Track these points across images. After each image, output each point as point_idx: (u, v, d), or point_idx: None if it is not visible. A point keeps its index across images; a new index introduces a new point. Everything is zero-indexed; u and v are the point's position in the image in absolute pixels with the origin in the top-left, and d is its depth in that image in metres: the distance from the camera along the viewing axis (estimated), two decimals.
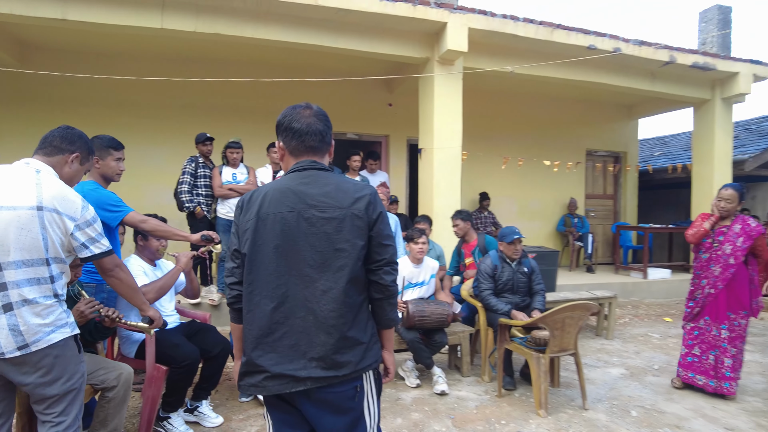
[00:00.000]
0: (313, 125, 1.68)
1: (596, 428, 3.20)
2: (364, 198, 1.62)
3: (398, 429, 3.15)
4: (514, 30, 6.18)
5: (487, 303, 3.97)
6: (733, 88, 7.94)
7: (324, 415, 1.60)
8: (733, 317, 3.79)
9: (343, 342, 1.56)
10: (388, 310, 1.71)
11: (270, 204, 1.61)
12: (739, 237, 3.76)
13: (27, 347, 1.81)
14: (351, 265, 1.58)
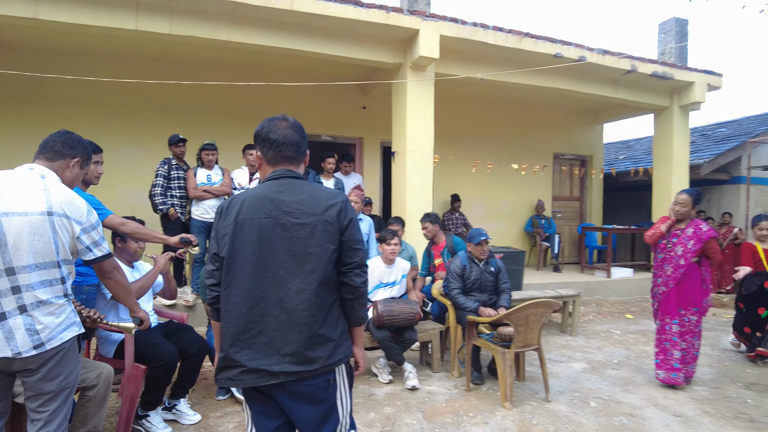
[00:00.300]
0: (290, 136, 1.80)
1: (558, 419, 3.40)
2: (336, 205, 1.75)
3: (371, 423, 3.28)
4: (484, 38, 6.40)
5: (456, 301, 4.15)
6: (689, 96, 8.37)
7: (299, 406, 1.73)
8: (683, 313, 4.05)
9: (315, 339, 1.68)
10: (358, 309, 1.84)
11: (247, 210, 1.73)
12: (690, 240, 4.03)
13: (42, 346, 1.89)
14: (322, 268, 1.70)
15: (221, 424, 3.23)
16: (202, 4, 5.30)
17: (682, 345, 4.04)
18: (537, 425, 3.28)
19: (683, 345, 4.04)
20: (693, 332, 4.06)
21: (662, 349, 4.09)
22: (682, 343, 4.04)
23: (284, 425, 1.77)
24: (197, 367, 3.28)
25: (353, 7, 5.70)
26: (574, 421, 3.37)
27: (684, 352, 4.03)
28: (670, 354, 4.06)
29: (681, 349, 4.03)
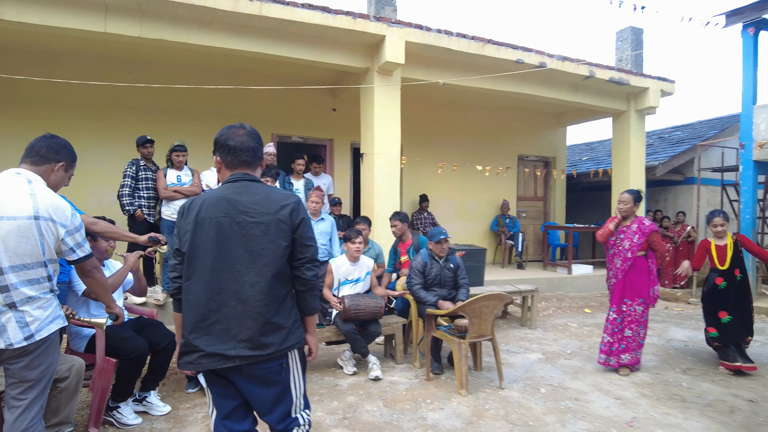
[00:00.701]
0: (246, 143, 1.98)
1: (509, 404, 3.65)
2: (289, 206, 1.93)
3: (334, 410, 3.48)
4: (448, 44, 6.65)
5: (417, 296, 4.37)
6: (644, 101, 8.81)
7: (254, 388, 1.91)
8: (630, 303, 4.37)
9: (268, 326, 1.86)
10: (310, 300, 2.03)
11: (207, 210, 1.90)
12: (635, 234, 4.36)
13: (32, 337, 2.04)
14: (275, 263, 1.88)
15: (190, 414, 3.38)
16: (172, 7, 5.39)
17: (627, 333, 4.35)
18: (489, 410, 3.53)
19: (628, 333, 4.35)
20: (638, 321, 4.37)
21: (607, 335, 4.42)
22: (626, 331, 4.35)
23: (242, 405, 1.96)
24: (167, 361, 3.41)
25: (321, 13, 5.87)
26: (524, 405, 3.63)
27: (629, 339, 4.35)
28: (608, 338, 4.41)
29: (624, 336, 4.35)
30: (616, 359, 4.33)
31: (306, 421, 2.05)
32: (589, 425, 3.30)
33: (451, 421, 3.34)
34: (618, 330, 4.37)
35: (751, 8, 7.88)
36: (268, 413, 1.95)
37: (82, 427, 3.08)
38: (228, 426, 1.94)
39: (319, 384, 4.01)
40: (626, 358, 4.33)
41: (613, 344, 4.36)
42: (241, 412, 1.97)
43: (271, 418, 1.96)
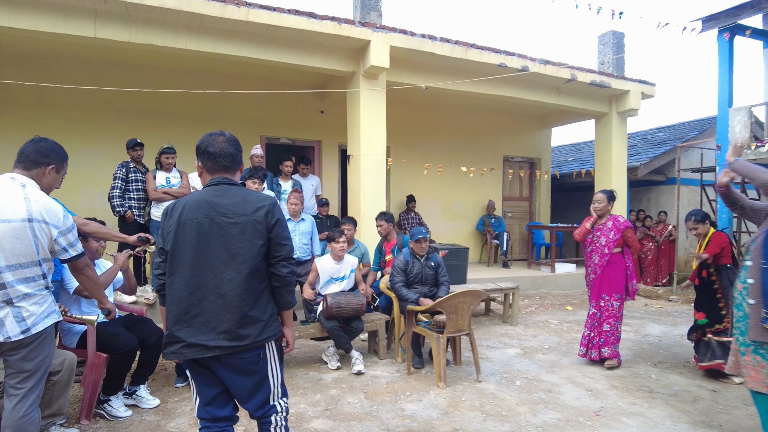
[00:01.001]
0: (225, 149, 2.13)
1: (485, 395, 3.83)
2: (264, 207, 2.08)
3: (317, 402, 3.63)
4: (432, 48, 6.82)
5: (399, 293, 4.54)
6: (625, 103, 9.04)
7: (234, 377, 2.07)
8: (607, 298, 4.56)
9: (245, 319, 2.01)
10: (286, 296, 2.17)
11: (188, 211, 2.06)
12: (611, 231, 4.56)
13: (28, 331, 2.20)
14: (251, 260, 2.03)
15: (179, 407, 3.52)
16: (160, 13, 5.51)
17: (605, 327, 4.54)
18: (465, 401, 3.70)
19: (606, 328, 4.54)
20: (616, 316, 4.55)
21: (586, 328, 4.61)
22: (605, 326, 4.54)
23: (222, 393, 2.12)
24: (156, 356, 3.55)
25: (307, 19, 6.02)
26: (499, 397, 3.80)
27: (607, 333, 4.53)
28: (589, 335, 4.59)
29: (602, 331, 4.54)
30: (597, 352, 4.51)
31: (283, 408, 2.20)
32: (559, 415, 3.48)
33: (428, 411, 3.50)
34: (597, 324, 4.56)
35: (726, 14, 8.13)
36: (247, 400, 2.11)
37: (73, 419, 3.21)
38: (210, 412, 2.10)
39: (304, 378, 4.17)
40: (606, 351, 4.52)
41: (593, 338, 4.55)
42: (222, 399, 2.12)
43: (250, 405, 2.12)
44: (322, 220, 6.96)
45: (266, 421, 2.15)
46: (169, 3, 5.39)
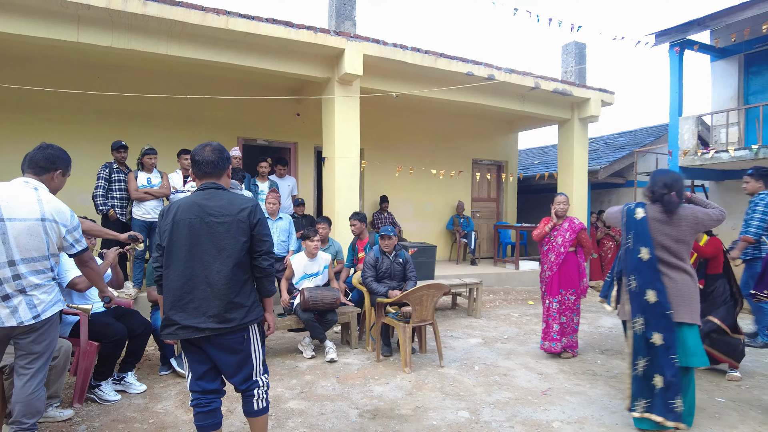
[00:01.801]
0: (208, 158, 2.46)
1: (446, 379, 4.22)
2: (248, 209, 2.42)
3: (293, 387, 3.97)
4: (403, 57, 7.20)
5: (370, 287, 4.90)
6: (586, 110, 9.59)
7: (221, 355, 2.40)
8: (564, 293, 4.98)
9: (231, 305, 2.35)
10: (267, 285, 2.52)
11: (181, 213, 2.39)
12: (567, 231, 5.00)
13: (39, 316, 2.49)
14: (236, 255, 2.37)
15: (164, 392, 3.81)
16: (143, 20, 5.73)
17: (562, 320, 4.97)
18: (428, 384, 4.09)
19: (563, 320, 4.97)
20: (572, 309, 4.97)
21: (546, 323, 5.01)
22: (561, 318, 4.97)
23: (211, 369, 2.45)
24: (143, 345, 3.83)
25: (284, 27, 6.32)
26: (458, 380, 4.20)
27: (564, 325, 4.97)
28: (551, 327, 4.98)
29: (560, 323, 4.97)
30: (558, 343, 4.93)
31: (264, 383, 2.54)
32: (511, 394, 3.90)
33: (394, 392, 3.88)
34: (556, 317, 4.96)
35: (676, 30, 8.76)
36: (233, 375, 2.45)
37: (67, 403, 3.47)
38: (201, 385, 2.43)
39: (281, 366, 4.49)
40: (565, 341, 4.95)
41: (554, 330, 4.95)
42: (211, 375, 2.45)
43: (235, 380, 2.46)
44: (298, 220, 7.28)
45: (249, 394, 2.49)
46: (152, 10, 5.62)
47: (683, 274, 3.17)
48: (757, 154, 7.78)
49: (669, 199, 3.13)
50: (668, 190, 3.15)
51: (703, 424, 3.39)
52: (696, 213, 3.15)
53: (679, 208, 3.16)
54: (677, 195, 3.15)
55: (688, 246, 3.19)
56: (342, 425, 3.26)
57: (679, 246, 3.16)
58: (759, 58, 9.26)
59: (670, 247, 3.16)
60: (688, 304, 3.14)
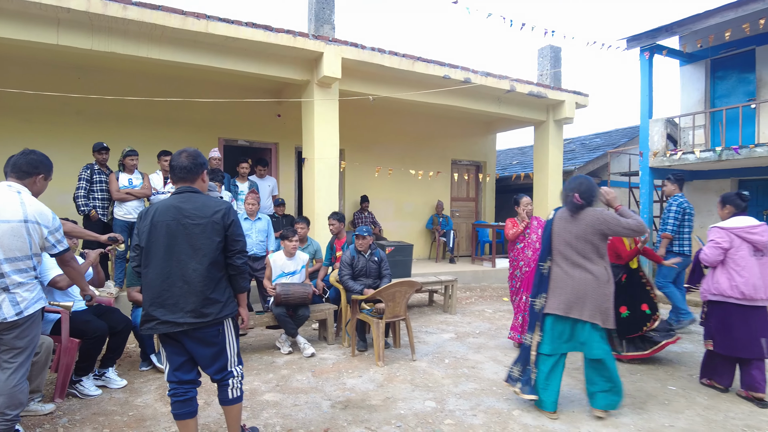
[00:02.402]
0: (182, 163, 2.63)
1: (417, 371, 4.42)
2: (221, 211, 2.58)
3: (269, 380, 4.13)
4: (381, 61, 7.39)
5: (346, 285, 5.08)
6: (561, 112, 9.87)
7: (198, 347, 2.57)
8: None
9: (207, 301, 2.51)
10: (240, 282, 2.68)
11: (159, 214, 2.55)
12: (538, 228, 5.23)
13: (21, 313, 2.63)
14: (211, 254, 2.53)
15: (144, 387, 3.95)
16: (123, 23, 5.82)
17: None
18: (399, 376, 4.29)
19: None
20: None
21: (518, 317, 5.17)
22: None
23: (188, 361, 2.61)
24: (123, 342, 3.97)
25: (263, 31, 6.46)
26: (429, 372, 4.41)
27: None
28: (521, 320, 5.19)
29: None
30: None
31: (239, 374, 2.71)
32: (477, 385, 4.11)
33: (366, 385, 4.07)
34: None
35: (646, 35, 9.08)
36: (208, 366, 2.61)
37: (48, 398, 3.59)
38: (178, 376, 2.59)
39: (258, 362, 4.65)
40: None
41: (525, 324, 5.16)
42: (187, 366, 2.61)
43: (210, 371, 2.63)
44: (278, 219, 7.43)
45: (224, 383, 2.66)
46: (132, 14, 5.72)
47: (585, 272, 3.42)
48: (720, 155, 8.13)
49: (570, 200, 3.44)
50: (573, 193, 3.44)
51: (653, 409, 3.63)
52: (602, 214, 3.40)
53: (585, 209, 3.44)
54: (581, 197, 3.42)
55: (594, 245, 3.42)
56: (314, 415, 3.44)
57: (583, 244, 3.42)
58: (724, 64, 9.63)
59: (572, 244, 3.45)
60: (581, 301, 3.40)
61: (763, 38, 8.84)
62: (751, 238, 3.85)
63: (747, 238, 3.85)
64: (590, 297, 3.40)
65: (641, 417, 3.50)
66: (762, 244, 3.84)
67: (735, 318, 3.86)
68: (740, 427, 3.35)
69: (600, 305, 3.41)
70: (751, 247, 3.86)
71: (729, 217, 4.04)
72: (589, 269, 3.43)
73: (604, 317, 3.41)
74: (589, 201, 3.45)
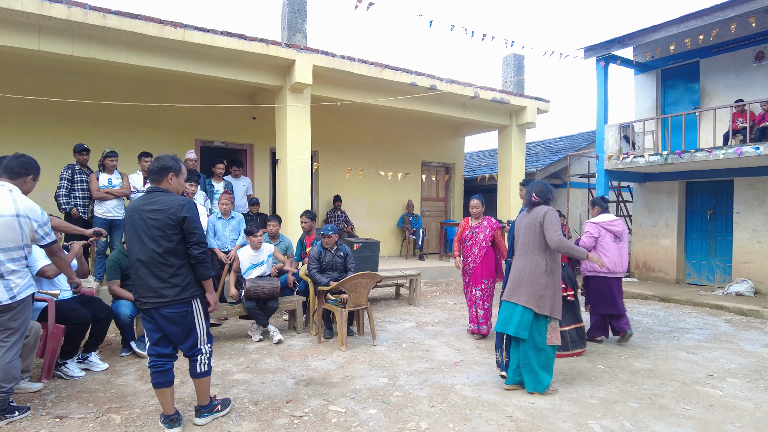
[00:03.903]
0: (152, 166, 3.07)
1: (375, 354, 4.88)
2: (176, 207, 2.96)
3: (240, 363, 4.54)
4: (351, 68, 7.83)
5: (314, 278, 5.50)
6: (523, 117, 10.46)
7: (168, 325, 2.99)
8: (486, 282, 5.67)
9: (165, 284, 2.94)
10: (200, 269, 3.05)
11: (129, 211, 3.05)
12: (486, 228, 5.71)
13: (15, 297, 3.00)
14: (166, 244, 2.93)
15: (125, 369, 4.31)
16: (102, 31, 6.14)
17: (486, 306, 5.67)
18: (359, 358, 4.73)
19: (486, 306, 5.67)
20: (492, 296, 5.69)
21: (473, 309, 5.67)
22: (485, 304, 5.66)
23: (164, 338, 3.04)
24: (105, 328, 4.33)
25: (237, 40, 6.84)
26: (386, 355, 4.87)
27: (487, 310, 5.66)
28: (477, 313, 5.65)
29: (484, 309, 5.67)
30: (484, 326, 5.59)
31: (207, 351, 3.14)
32: (427, 365, 4.58)
33: (329, 366, 4.51)
34: (480, 304, 5.59)
35: (601, 46, 9.70)
36: (180, 343, 3.05)
37: (36, 379, 3.94)
38: (155, 350, 3.01)
39: (231, 348, 5.05)
40: (489, 324, 5.63)
41: (479, 315, 5.61)
42: (164, 342, 3.04)
43: (183, 347, 3.06)
44: (252, 218, 7.80)
45: (194, 359, 3.09)
46: (111, 22, 6.05)
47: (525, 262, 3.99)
48: (666, 159, 8.78)
49: (528, 198, 4.08)
50: (531, 192, 4.07)
51: (579, 384, 4.15)
52: (548, 214, 3.93)
53: (540, 206, 4.01)
54: (537, 195, 4.02)
55: (538, 237, 3.94)
56: (279, 390, 3.86)
57: (530, 235, 4.00)
58: (673, 74, 10.34)
59: (523, 235, 4.07)
60: (517, 286, 3.97)
61: (706, 51, 9.56)
62: (612, 229, 5.35)
63: (609, 229, 5.36)
64: (525, 284, 3.90)
65: (567, 390, 4.01)
66: (618, 233, 5.37)
67: (603, 287, 5.36)
68: (648, 396, 3.88)
69: (535, 293, 3.89)
70: (612, 235, 5.36)
71: (598, 215, 5.54)
72: (529, 259, 3.94)
73: (538, 304, 3.89)
74: (545, 200, 4.03)
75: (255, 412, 3.43)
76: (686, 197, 10.33)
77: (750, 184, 9.02)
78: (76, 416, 3.31)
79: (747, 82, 9.15)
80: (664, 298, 8.55)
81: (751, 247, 8.97)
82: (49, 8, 5.70)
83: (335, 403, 3.62)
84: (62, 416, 3.29)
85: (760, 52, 8.96)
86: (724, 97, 9.40)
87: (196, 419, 3.19)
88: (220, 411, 3.31)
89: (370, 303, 5.41)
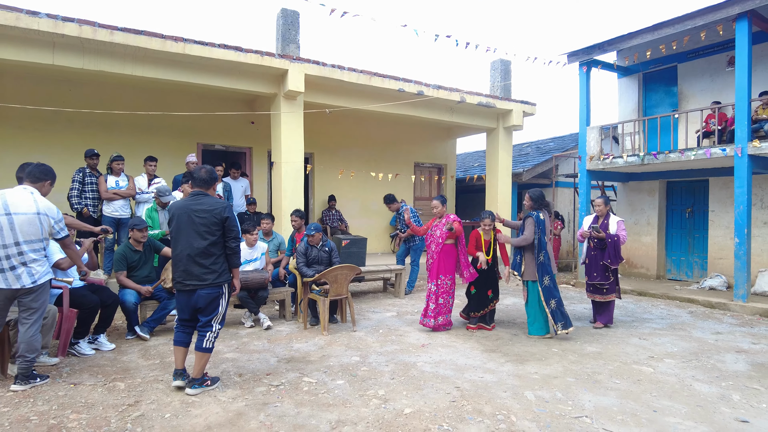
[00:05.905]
0: (202, 176, 3.73)
1: (353, 338, 5.43)
2: (221, 209, 3.64)
3: (231, 345, 5.11)
4: (341, 76, 8.37)
5: (301, 271, 6.06)
6: (510, 120, 10.94)
7: (202, 302, 3.64)
8: (443, 278, 5.91)
9: (206, 269, 3.60)
10: (234, 259, 3.76)
11: (176, 210, 3.66)
12: (444, 225, 6.04)
13: (36, 281, 3.61)
14: (210, 237, 3.59)
15: (129, 349, 4.90)
16: (110, 46, 6.72)
17: (439, 301, 5.85)
18: (338, 342, 5.29)
19: (440, 301, 5.86)
20: (448, 292, 5.93)
21: (426, 304, 5.93)
22: (439, 300, 5.84)
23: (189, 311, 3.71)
24: (112, 314, 4.92)
25: (234, 51, 7.41)
26: (363, 339, 5.42)
27: (441, 306, 5.85)
28: (428, 307, 5.88)
29: (437, 303, 5.83)
30: (434, 321, 5.85)
31: (216, 330, 3.77)
32: (398, 347, 5.12)
33: (309, 347, 5.07)
34: (433, 298, 5.86)
35: (583, 51, 10.16)
36: (203, 314, 3.70)
37: (53, 355, 4.53)
38: (182, 319, 3.75)
39: (224, 333, 5.62)
40: (441, 320, 6.02)
41: (430, 309, 5.89)
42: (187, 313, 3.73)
43: (202, 319, 3.71)
44: (249, 216, 8.38)
45: (203, 333, 3.72)
46: (118, 38, 6.64)
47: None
48: (643, 160, 9.24)
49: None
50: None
51: (530, 363, 4.66)
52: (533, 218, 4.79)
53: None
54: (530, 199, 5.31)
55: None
56: (262, 366, 4.43)
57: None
58: (653, 78, 10.79)
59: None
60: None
61: (683, 56, 10.00)
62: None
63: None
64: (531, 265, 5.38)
65: (517, 368, 4.53)
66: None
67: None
68: (587, 373, 4.39)
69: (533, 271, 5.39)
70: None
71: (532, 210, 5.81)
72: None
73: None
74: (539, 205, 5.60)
75: (239, 382, 4.00)
76: (666, 196, 10.77)
77: (723, 184, 9.45)
78: (87, 383, 3.90)
79: (721, 86, 9.58)
80: (641, 293, 9.00)
81: (725, 243, 9.41)
82: (63, 27, 6.29)
83: (309, 375, 4.18)
84: (76, 383, 3.89)
85: (732, 57, 9.38)
86: (700, 100, 9.84)
87: (188, 389, 3.76)
88: (210, 386, 3.87)
89: (359, 296, 5.99)
